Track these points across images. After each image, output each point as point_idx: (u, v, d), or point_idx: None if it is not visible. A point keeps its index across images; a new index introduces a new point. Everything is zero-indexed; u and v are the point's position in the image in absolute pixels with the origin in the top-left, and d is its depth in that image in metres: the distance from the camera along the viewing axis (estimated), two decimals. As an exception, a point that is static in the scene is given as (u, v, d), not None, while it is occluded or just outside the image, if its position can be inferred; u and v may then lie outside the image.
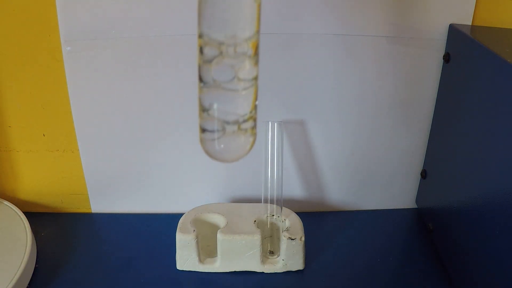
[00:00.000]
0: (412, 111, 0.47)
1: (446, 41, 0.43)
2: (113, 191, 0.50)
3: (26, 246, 0.42)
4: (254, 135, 0.28)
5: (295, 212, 0.45)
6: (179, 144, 0.47)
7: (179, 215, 0.44)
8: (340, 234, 0.49)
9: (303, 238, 0.42)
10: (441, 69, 0.44)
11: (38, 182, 0.50)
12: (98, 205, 0.51)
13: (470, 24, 0.42)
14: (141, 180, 0.49)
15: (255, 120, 0.28)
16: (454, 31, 0.42)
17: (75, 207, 0.51)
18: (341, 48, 0.43)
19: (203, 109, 0.26)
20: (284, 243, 0.42)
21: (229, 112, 0.26)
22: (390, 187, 0.51)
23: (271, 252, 0.44)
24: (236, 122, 0.26)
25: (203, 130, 0.27)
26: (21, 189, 0.50)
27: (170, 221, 0.44)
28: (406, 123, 0.47)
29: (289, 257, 0.42)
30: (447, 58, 0.43)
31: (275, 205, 0.44)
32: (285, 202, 0.45)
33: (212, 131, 0.26)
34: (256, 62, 0.26)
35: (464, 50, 0.39)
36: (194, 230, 0.42)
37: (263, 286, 0.42)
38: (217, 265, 0.43)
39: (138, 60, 0.43)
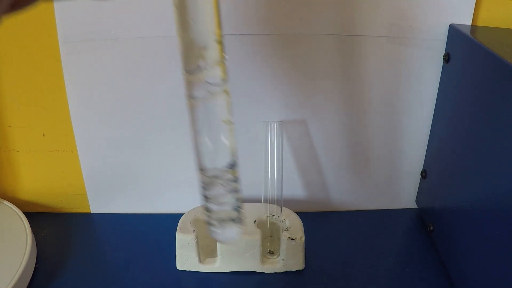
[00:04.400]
0: (412, 111, 0.47)
1: (446, 41, 0.43)
2: (113, 191, 0.50)
3: (26, 246, 0.42)
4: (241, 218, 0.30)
5: (295, 212, 0.45)
6: (178, 144, 0.47)
7: (179, 215, 0.44)
8: (340, 234, 0.49)
9: (303, 238, 0.42)
10: (441, 69, 0.44)
11: (38, 182, 0.50)
12: (97, 205, 0.51)
13: (470, 24, 0.42)
14: (141, 180, 0.49)
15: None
16: (454, 31, 0.42)
17: (75, 207, 0.51)
18: (341, 48, 0.43)
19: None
20: (284, 243, 0.42)
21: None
22: (390, 187, 0.51)
23: (271, 252, 0.44)
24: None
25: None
26: (21, 189, 0.50)
27: (170, 221, 0.44)
28: (406, 123, 0.47)
29: (289, 257, 0.42)
30: (447, 58, 0.43)
31: (275, 205, 0.43)
32: (285, 202, 0.45)
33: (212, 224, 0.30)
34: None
35: (464, 50, 0.39)
36: (194, 230, 0.42)
37: (263, 286, 0.42)
38: (217, 265, 0.43)
39: (136, 60, 0.43)
